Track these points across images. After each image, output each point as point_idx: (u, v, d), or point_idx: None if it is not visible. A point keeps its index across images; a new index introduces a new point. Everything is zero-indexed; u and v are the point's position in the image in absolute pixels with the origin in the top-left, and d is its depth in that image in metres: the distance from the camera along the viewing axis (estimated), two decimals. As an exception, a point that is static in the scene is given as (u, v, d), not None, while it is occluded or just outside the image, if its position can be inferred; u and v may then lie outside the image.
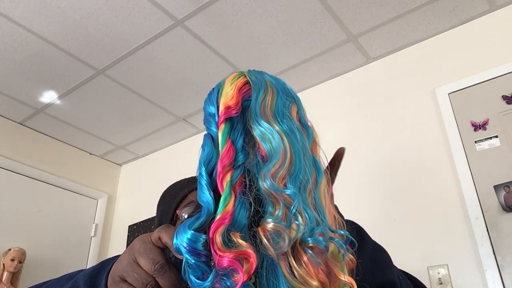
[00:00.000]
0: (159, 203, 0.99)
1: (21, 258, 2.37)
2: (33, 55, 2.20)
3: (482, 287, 1.61)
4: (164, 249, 0.50)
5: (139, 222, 2.96)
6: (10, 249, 2.37)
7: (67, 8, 1.92)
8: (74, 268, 2.84)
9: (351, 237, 0.55)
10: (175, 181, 1.00)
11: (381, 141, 2.11)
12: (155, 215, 1.00)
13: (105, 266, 0.54)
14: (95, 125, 2.86)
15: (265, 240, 0.47)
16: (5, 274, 2.32)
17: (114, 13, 1.95)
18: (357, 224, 0.77)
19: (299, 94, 2.44)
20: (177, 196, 0.94)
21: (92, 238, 3.03)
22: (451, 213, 1.78)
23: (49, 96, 2.54)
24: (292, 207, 0.50)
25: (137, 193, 3.18)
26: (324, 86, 2.46)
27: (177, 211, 0.91)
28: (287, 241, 0.48)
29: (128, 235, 3.01)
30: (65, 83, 2.43)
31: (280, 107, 0.60)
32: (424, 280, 1.73)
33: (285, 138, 0.55)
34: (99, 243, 3.05)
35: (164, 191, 1.00)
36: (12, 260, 2.33)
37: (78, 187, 3.04)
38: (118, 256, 0.55)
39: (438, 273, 1.71)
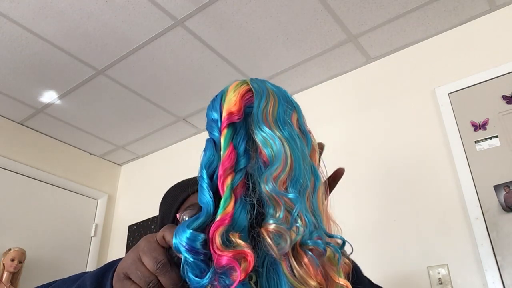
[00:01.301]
0: (160, 205, 0.99)
1: (21, 258, 2.37)
2: (33, 55, 2.20)
3: (482, 287, 1.61)
4: (167, 249, 0.52)
5: (139, 222, 2.96)
6: (10, 249, 2.37)
7: (67, 8, 1.92)
8: (74, 268, 2.84)
9: (347, 241, 0.57)
10: (176, 182, 1.00)
11: (381, 141, 2.11)
12: (155, 215, 1.00)
13: (112, 266, 0.56)
14: (95, 125, 2.86)
15: (268, 240, 0.50)
16: (5, 274, 2.32)
17: (114, 13, 1.95)
18: (356, 264, 0.78)
19: (299, 94, 2.48)
20: (177, 199, 0.94)
21: (92, 238, 3.03)
22: (451, 213, 1.78)
23: (49, 96, 2.54)
24: (294, 211, 0.52)
25: (137, 193, 3.18)
26: (324, 86, 2.46)
27: (177, 214, 0.91)
28: (288, 242, 0.50)
29: (128, 235, 3.01)
30: (65, 83, 2.43)
31: (281, 114, 0.62)
32: (424, 280, 1.73)
33: (286, 144, 0.57)
34: (99, 243, 3.05)
35: (166, 193, 1.00)
36: (12, 260, 2.33)
37: (78, 187, 3.04)
38: (121, 258, 0.57)
39: (438, 273, 1.71)
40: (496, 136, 1.78)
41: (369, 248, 1.92)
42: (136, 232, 2.95)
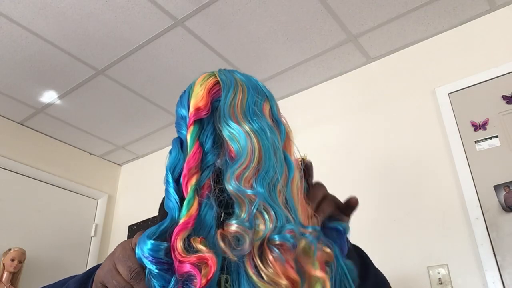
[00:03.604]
0: (159, 208, 0.98)
1: (21, 258, 2.37)
2: (33, 55, 2.20)
3: (482, 287, 1.61)
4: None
5: (139, 222, 2.96)
6: (10, 249, 2.37)
7: (67, 8, 1.92)
8: (74, 268, 2.83)
9: (321, 231, 0.55)
10: None
11: (381, 141, 2.11)
12: (155, 215, 1.00)
13: (94, 272, 0.55)
14: (95, 125, 2.86)
15: (221, 244, 0.47)
16: (5, 274, 2.32)
17: (114, 13, 1.95)
18: (361, 250, 0.73)
19: (299, 94, 2.47)
20: None
21: (92, 238, 3.03)
22: (451, 213, 1.78)
23: (49, 96, 2.54)
24: (253, 207, 0.50)
25: (137, 193, 3.18)
26: (324, 86, 2.46)
27: None
28: (247, 242, 0.47)
29: (128, 235, 3.01)
30: (65, 83, 2.43)
31: (250, 106, 0.60)
32: (424, 280, 1.73)
33: (253, 137, 0.55)
34: (99, 243, 3.05)
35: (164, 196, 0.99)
36: (12, 260, 2.33)
37: (78, 187, 3.04)
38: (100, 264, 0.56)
39: (438, 273, 1.71)
40: (496, 136, 1.78)
41: (369, 248, 1.91)
42: (136, 232, 2.95)
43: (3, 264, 2.33)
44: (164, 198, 1.00)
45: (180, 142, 0.57)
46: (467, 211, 1.72)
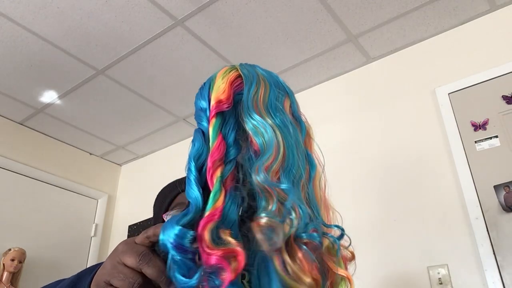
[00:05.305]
0: (154, 205, 0.98)
1: (21, 258, 2.37)
2: (33, 55, 2.20)
3: (482, 287, 1.61)
4: (151, 246, 0.49)
5: (139, 222, 2.96)
6: (10, 249, 2.37)
7: (67, 8, 1.92)
8: (74, 268, 2.84)
9: (345, 232, 0.54)
10: (168, 182, 0.99)
11: (381, 141, 2.11)
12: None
13: (82, 277, 0.53)
14: (95, 125, 2.86)
15: (259, 235, 0.47)
16: (5, 274, 2.32)
17: (114, 13, 1.95)
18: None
19: (299, 94, 2.48)
20: (167, 198, 0.92)
21: (92, 238, 3.03)
22: (451, 213, 1.78)
23: (49, 96, 2.54)
24: (287, 202, 0.49)
25: (137, 193, 3.18)
26: (324, 86, 2.46)
27: (163, 215, 0.89)
28: (281, 236, 0.47)
29: (128, 235, 3.00)
30: (65, 83, 2.43)
31: (272, 100, 0.58)
32: (424, 280, 1.73)
33: (278, 132, 0.54)
34: (99, 243, 3.05)
35: (158, 193, 0.99)
36: (12, 260, 2.33)
37: (78, 187, 3.04)
38: (94, 265, 0.55)
39: (438, 273, 1.71)
40: (496, 136, 1.78)
41: (369, 248, 1.92)
42: (136, 232, 2.95)
43: (3, 264, 2.33)
44: (156, 196, 1.00)
45: (202, 133, 0.55)
46: (467, 211, 1.72)
